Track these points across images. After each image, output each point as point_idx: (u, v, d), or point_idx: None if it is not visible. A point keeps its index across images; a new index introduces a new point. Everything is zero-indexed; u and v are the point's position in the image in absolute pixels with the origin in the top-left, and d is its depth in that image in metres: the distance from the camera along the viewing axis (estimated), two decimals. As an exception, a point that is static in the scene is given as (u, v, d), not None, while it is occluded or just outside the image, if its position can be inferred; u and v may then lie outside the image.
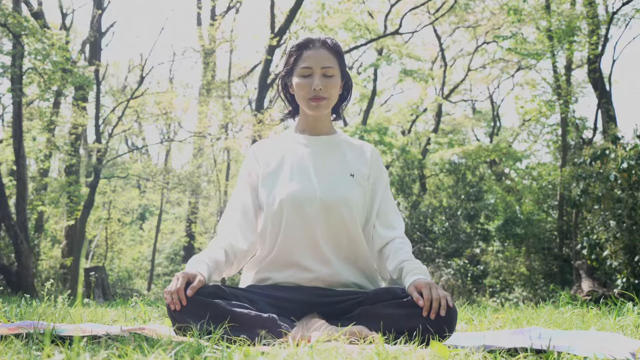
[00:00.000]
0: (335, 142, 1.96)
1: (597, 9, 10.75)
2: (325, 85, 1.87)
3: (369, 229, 1.91)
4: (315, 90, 1.86)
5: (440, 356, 1.25)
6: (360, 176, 1.90)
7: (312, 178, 1.85)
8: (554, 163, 13.67)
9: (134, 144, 22.13)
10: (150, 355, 1.08)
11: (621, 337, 1.68)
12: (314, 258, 1.82)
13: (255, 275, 1.90)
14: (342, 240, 1.83)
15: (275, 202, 1.83)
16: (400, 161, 14.00)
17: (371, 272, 1.91)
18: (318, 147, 1.93)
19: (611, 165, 6.18)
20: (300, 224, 1.81)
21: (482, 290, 11.06)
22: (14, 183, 11.17)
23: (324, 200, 1.81)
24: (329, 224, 1.81)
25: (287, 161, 1.91)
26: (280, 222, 1.82)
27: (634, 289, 5.62)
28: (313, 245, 1.81)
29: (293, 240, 1.82)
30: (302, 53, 1.91)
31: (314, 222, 1.80)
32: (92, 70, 11.03)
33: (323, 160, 1.91)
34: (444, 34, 15.87)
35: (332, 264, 1.82)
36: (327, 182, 1.85)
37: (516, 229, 11.25)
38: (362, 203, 1.88)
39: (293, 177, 1.86)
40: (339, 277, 1.83)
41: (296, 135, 1.98)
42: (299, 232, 1.81)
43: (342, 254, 1.84)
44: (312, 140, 1.95)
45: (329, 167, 1.89)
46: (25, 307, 2.97)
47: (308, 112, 1.92)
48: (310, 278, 1.81)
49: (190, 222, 17.20)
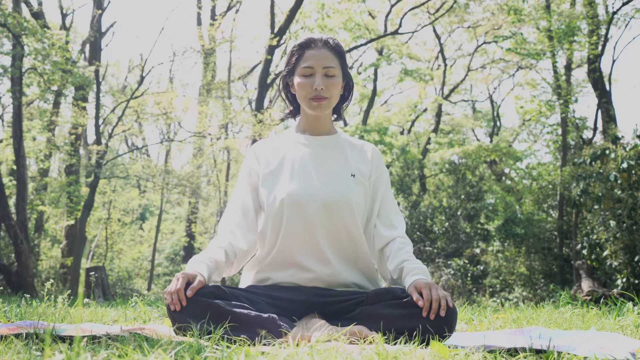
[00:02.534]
0: (336, 142, 1.96)
1: (597, 9, 10.75)
2: (326, 85, 1.87)
3: (370, 229, 1.91)
4: (317, 90, 1.86)
5: (440, 356, 1.25)
6: (361, 176, 1.90)
7: (313, 178, 1.85)
8: (554, 163, 13.67)
9: (134, 144, 22.13)
10: (150, 355, 1.08)
11: (621, 337, 1.68)
12: (314, 258, 1.81)
13: (256, 275, 1.90)
14: (343, 240, 1.83)
15: (275, 202, 1.83)
16: (400, 161, 14.00)
17: (371, 272, 1.91)
18: (319, 147, 1.93)
19: (611, 165, 6.18)
20: (301, 224, 1.81)
21: (482, 290, 11.06)
22: (14, 183, 11.16)
23: (324, 201, 1.81)
24: (329, 224, 1.81)
25: (288, 161, 1.90)
26: (281, 222, 1.82)
27: (634, 289, 5.62)
28: (313, 246, 1.81)
29: (293, 240, 1.82)
30: (304, 53, 1.91)
31: (314, 222, 1.80)
32: (92, 70, 11.02)
33: (324, 160, 1.90)
34: (443, 34, 15.87)
35: (332, 264, 1.81)
36: (328, 182, 1.85)
37: (516, 229, 11.25)
38: (363, 203, 1.88)
39: (293, 177, 1.86)
40: (339, 277, 1.83)
41: (297, 135, 1.97)
42: (299, 232, 1.81)
43: (343, 254, 1.84)
44: (312, 140, 1.94)
45: (330, 167, 1.89)
46: (25, 307, 2.97)
47: (309, 111, 1.92)
48: (310, 278, 1.81)
49: (190, 222, 17.20)
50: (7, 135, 13.19)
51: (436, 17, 13.86)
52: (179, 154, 23.98)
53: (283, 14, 11.83)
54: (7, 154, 12.75)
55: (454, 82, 16.67)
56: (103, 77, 13.25)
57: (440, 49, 15.57)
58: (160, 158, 23.43)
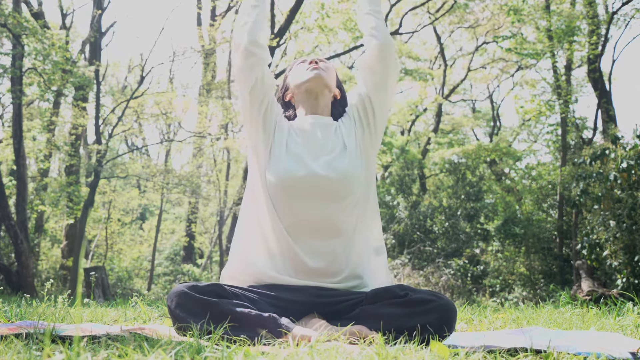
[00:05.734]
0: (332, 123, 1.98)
1: (597, 9, 10.75)
2: (322, 65, 1.96)
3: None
4: (312, 63, 1.95)
5: (440, 356, 1.25)
6: (350, 140, 1.90)
7: (310, 159, 1.85)
8: (553, 163, 13.67)
9: (134, 144, 22.12)
10: (150, 355, 1.08)
11: (621, 337, 1.68)
12: (315, 249, 1.80)
13: (255, 275, 1.89)
14: (341, 222, 1.82)
15: (275, 185, 1.82)
16: (400, 161, 14.00)
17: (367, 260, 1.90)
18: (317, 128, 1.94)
19: (611, 165, 6.18)
20: (298, 209, 1.80)
21: (482, 290, 11.06)
22: (14, 183, 11.16)
23: (326, 179, 1.81)
24: (323, 213, 1.81)
25: (288, 141, 1.91)
26: (277, 206, 1.82)
27: (633, 289, 5.62)
28: (314, 234, 1.80)
29: (291, 227, 1.81)
30: (297, 61, 2.04)
31: (312, 206, 1.80)
32: (92, 70, 11.01)
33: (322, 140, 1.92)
34: (443, 34, 15.87)
35: (330, 256, 1.80)
36: (326, 161, 1.85)
37: (516, 228, 11.25)
38: (363, 178, 1.88)
39: (291, 156, 1.86)
40: (337, 270, 1.81)
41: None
42: (296, 216, 1.81)
43: (342, 241, 1.82)
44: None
45: (325, 146, 1.90)
46: (25, 307, 2.97)
47: (306, 84, 1.93)
48: (309, 272, 1.80)
49: (190, 222, 17.19)
50: (7, 135, 13.18)
51: (436, 17, 13.85)
52: (179, 154, 23.99)
53: (283, 15, 11.83)
54: (7, 154, 12.74)
55: (454, 82, 16.67)
56: (103, 77, 13.24)
57: (441, 49, 15.56)
58: (160, 158, 23.43)
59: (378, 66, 1.91)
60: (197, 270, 15.87)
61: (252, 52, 1.86)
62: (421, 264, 11.23)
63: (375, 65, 1.91)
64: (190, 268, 15.51)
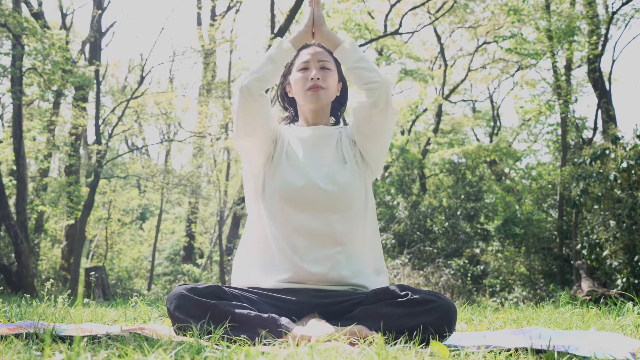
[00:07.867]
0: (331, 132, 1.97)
1: (597, 9, 10.75)
2: (323, 76, 1.91)
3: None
4: (313, 80, 1.89)
5: (440, 356, 1.25)
6: (349, 157, 1.90)
7: (310, 170, 1.86)
8: (553, 163, 13.67)
9: (134, 144, 22.12)
10: (150, 355, 1.08)
11: (621, 337, 1.68)
12: (315, 257, 1.81)
13: (255, 275, 1.89)
14: (340, 234, 1.82)
15: (274, 195, 1.83)
16: (400, 161, 13.99)
17: (370, 263, 1.90)
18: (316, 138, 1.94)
19: (611, 165, 6.18)
20: (297, 218, 1.81)
21: (482, 290, 11.06)
22: (14, 183, 11.16)
23: (325, 191, 1.81)
24: (323, 219, 1.81)
25: (289, 150, 1.91)
26: (276, 215, 1.83)
27: (633, 289, 5.62)
28: (313, 243, 1.81)
29: (290, 236, 1.81)
30: (300, 53, 1.97)
31: (311, 216, 1.81)
32: (92, 70, 11.01)
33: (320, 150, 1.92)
34: (444, 34, 15.86)
35: (331, 263, 1.81)
36: (326, 173, 1.85)
37: (516, 228, 11.24)
38: (363, 191, 1.88)
39: (291, 167, 1.86)
40: (339, 273, 1.81)
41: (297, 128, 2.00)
42: (295, 226, 1.81)
43: (342, 249, 1.82)
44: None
45: (325, 158, 1.90)
46: (25, 307, 2.97)
47: (307, 105, 1.93)
48: (310, 278, 1.80)
49: (190, 222, 17.18)
50: (7, 135, 13.18)
51: (436, 17, 13.85)
52: (179, 153, 24.00)
53: (283, 14, 11.83)
54: (7, 154, 12.74)
55: (454, 82, 16.66)
56: (103, 77, 13.24)
57: (441, 49, 15.56)
58: (160, 158, 23.43)
59: (374, 116, 1.85)
60: (197, 270, 15.86)
61: (260, 96, 1.85)
62: (421, 264, 11.22)
63: (372, 114, 1.85)
64: (190, 268, 15.50)
